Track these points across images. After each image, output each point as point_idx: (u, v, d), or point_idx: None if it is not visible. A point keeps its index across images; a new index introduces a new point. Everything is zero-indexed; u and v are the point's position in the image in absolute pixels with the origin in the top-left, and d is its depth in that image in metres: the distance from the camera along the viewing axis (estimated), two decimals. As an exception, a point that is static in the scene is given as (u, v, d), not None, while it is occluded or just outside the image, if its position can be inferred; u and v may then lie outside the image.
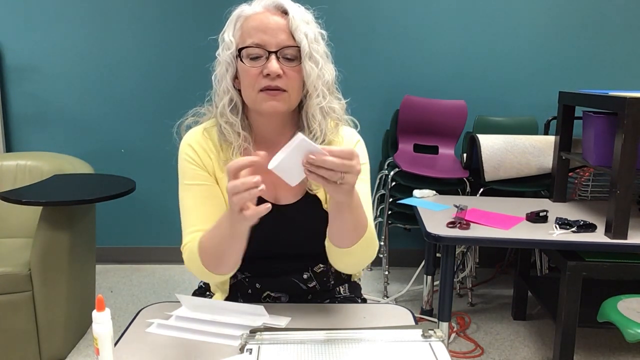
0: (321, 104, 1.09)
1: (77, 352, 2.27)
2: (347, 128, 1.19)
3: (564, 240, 1.93)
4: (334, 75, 1.12)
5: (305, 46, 1.04)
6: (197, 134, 1.16)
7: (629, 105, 1.85)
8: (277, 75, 1.03)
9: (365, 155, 1.19)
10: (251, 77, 1.05)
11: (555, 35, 3.07)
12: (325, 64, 1.09)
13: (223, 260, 1.04)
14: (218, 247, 1.01)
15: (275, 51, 1.04)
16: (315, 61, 1.06)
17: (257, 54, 1.04)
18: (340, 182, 0.85)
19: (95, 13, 3.05)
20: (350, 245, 1.01)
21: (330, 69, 1.11)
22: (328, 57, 1.11)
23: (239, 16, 1.08)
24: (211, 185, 1.14)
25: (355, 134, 1.20)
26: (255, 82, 1.05)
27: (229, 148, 1.13)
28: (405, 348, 0.94)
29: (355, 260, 1.09)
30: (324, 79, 1.08)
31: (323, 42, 1.10)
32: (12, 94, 3.12)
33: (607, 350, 2.37)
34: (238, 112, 1.12)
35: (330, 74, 1.10)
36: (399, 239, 3.25)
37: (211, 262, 1.04)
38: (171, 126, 1.21)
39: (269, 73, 1.03)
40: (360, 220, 1.00)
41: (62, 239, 2.11)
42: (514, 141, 2.70)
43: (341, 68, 1.17)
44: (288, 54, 1.05)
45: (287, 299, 1.24)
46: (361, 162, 1.11)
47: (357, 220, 0.99)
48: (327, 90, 1.09)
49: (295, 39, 1.04)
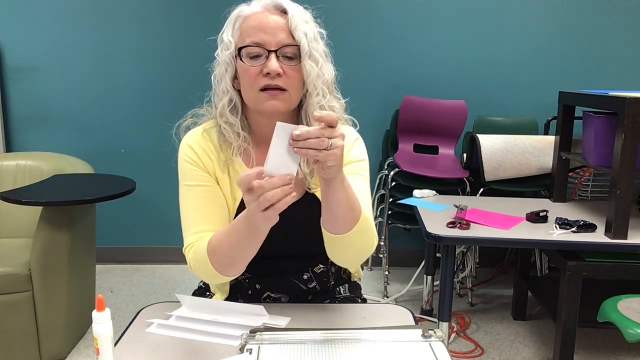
0: (321, 103, 1.08)
1: (77, 352, 2.28)
2: (346, 126, 1.19)
3: (564, 240, 1.93)
4: (333, 75, 1.12)
5: (304, 45, 1.04)
6: (196, 135, 1.16)
7: (629, 105, 1.85)
8: (277, 74, 1.03)
9: (364, 152, 1.19)
10: (251, 77, 1.05)
11: (555, 36, 3.07)
12: (324, 63, 1.09)
13: (236, 261, 1.03)
14: (234, 249, 1.00)
15: (275, 50, 1.04)
16: (315, 60, 1.06)
17: (256, 53, 1.04)
18: (330, 148, 0.85)
19: (95, 13, 3.06)
20: (345, 230, 0.99)
21: (330, 68, 1.11)
22: (327, 57, 1.11)
23: (238, 16, 1.08)
24: (212, 186, 1.13)
25: (353, 132, 1.20)
26: (255, 81, 1.04)
27: (228, 148, 1.13)
28: (405, 348, 0.94)
29: (353, 250, 1.05)
30: (323, 78, 1.08)
31: (322, 42, 1.10)
32: (12, 94, 3.12)
33: (607, 350, 2.37)
34: (237, 113, 1.11)
35: (330, 73, 1.10)
36: (399, 239, 3.25)
37: (223, 264, 1.03)
38: (171, 127, 1.20)
39: (269, 72, 1.02)
40: (352, 203, 0.98)
41: (62, 239, 2.11)
42: (514, 141, 2.70)
43: (341, 68, 1.17)
44: (288, 53, 1.05)
45: (287, 300, 1.24)
46: (360, 158, 1.14)
47: (349, 201, 0.97)
48: (326, 89, 1.09)
49: (294, 38, 1.04)
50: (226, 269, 1.04)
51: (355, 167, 1.15)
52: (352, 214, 0.99)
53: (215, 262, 1.03)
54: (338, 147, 0.86)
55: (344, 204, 0.96)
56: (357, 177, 1.13)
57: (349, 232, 0.99)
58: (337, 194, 0.94)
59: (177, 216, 1.17)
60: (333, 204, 0.95)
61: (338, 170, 0.90)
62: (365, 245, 1.06)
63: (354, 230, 1.00)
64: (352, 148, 1.17)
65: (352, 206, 0.98)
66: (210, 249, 1.03)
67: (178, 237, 1.14)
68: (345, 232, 0.99)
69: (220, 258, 1.02)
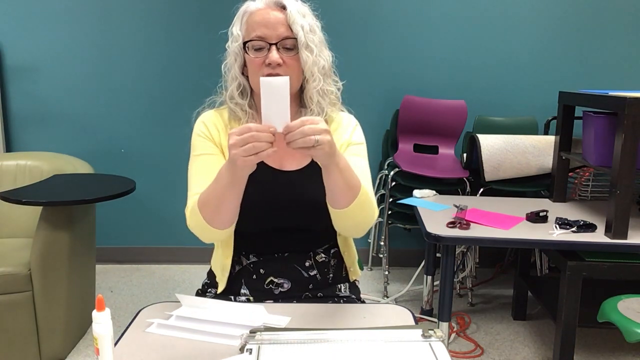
0: (317, 88, 1.22)
1: (77, 352, 2.28)
2: (346, 113, 1.34)
3: (564, 240, 1.93)
4: (331, 61, 1.25)
5: (301, 37, 1.17)
6: (209, 113, 1.32)
7: (629, 105, 1.85)
8: (277, 64, 1.17)
9: (363, 136, 1.32)
10: (255, 66, 1.19)
11: (555, 35, 3.07)
12: (320, 52, 1.22)
13: (221, 211, 1.12)
14: (218, 198, 1.10)
15: (275, 43, 1.17)
16: (310, 50, 1.19)
17: (260, 46, 1.18)
18: (317, 145, 0.97)
19: (95, 13, 3.06)
20: (345, 205, 1.11)
21: (327, 54, 1.24)
22: (323, 44, 1.24)
23: (245, 12, 1.22)
24: (216, 155, 1.26)
25: (352, 118, 1.34)
26: (259, 70, 1.18)
27: (237, 123, 1.26)
28: (405, 348, 0.95)
29: (354, 222, 1.17)
30: (319, 65, 1.21)
31: (319, 32, 1.23)
32: (12, 94, 3.12)
33: (607, 350, 2.37)
34: (247, 96, 1.27)
35: (326, 60, 1.24)
36: (399, 239, 3.25)
37: (210, 213, 1.13)
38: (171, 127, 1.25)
39: (270, 62, 1.17)
40: (351, 181, 1.10)
41: (62, 239, 2.11)
42: (514, 141, 2.70)
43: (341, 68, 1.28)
44: (287, 44, 1.18)
45: (290, 286, 1.28)
46: (359, 142, 1.31)
47: (347, 181, 1.09)
48: (322, 75, 1.23)
49: (292, 31, 1.18)
50: (213, 219, 1.13)
51: (357, 149, 1.29)
52: (351, 192, 1.11)
53: (205, 212, 1.13)
54: (325, 143, 0.98)
55: (342, 184, 1.09)
56: (358, 157, 1.26)
57: (348, 207, 1.12)
58: (333, 175, 1.07)
59: (177, 216, 1.20)
60: (330, 184, 1.09)
61: (330, 159, 1.03)
62: (365, 218, 1.18)
63: (353, 205, 1.12)
64: (354, 132, 1.31)
65: (350, 185, 1.10)
66: (200, 201, 1.14)
67: (178, 237, 1.16)
68: (346, 207, 1.12)
69: (207, 208, 1.13)
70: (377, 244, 3.19)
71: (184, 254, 3.23)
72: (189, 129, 1.31)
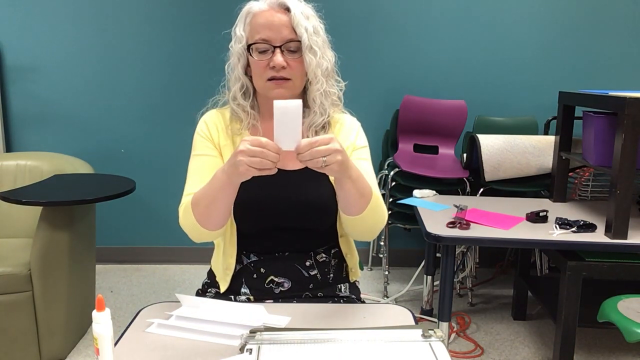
0: (320, 90, 1.23)
1: (77, 352, 2.28)
2: (348, 115, 1.35)
3: (564, 240, 1.93)
4: (333, 62, 1.26)
5: (305, 40, 1.17)
6: (212, 113, 1.32)
7: (629, 105, 1.85)
8: (281, 67, 1.17)
9: (365, 139, 1.33)
10: (260, 68, 1.20)
11: (555, 36, 3.07)
12: (324, 53, 1.22)
13: (212, 213, 1.14)
14: (210, 200, 1.13)
15: (280, 45, 1.17)
16: (314, 52, 1.19)
17: (264, 48, 1.19)
18: (325, 165, 0.99)
19: (95, 13, 3.05)
20: (358, 212, 1.15)
21: (330, 55, 1.24)
22: (327, 45, 1.24)
23: (248, 12, 1.22)
24: (215, 157, 1.27)
25: (355, 120, 1.35)
26: (263, 72, 1.19)
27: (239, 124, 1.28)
28: (405, 348, 0.95)
29: (367, 226, 1.21)
30: (322, 67, 1.21)
31: (323, 33, 1.23)
32: (12, 94, 3.12)
33: (607, 350, 2.37)
34: (249, 96, 1.27)
35: (329, 60, 1.24)
36: (399, 239, 3.25)
37: (201, 214, 1.15)
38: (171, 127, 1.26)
39: (275, 65, 1.17)
40: (363, 190, 1.13)
41: (62, 239, 2.11)
42: (514, 141, 2.70)
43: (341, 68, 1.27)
44: (291, 47, 1.19)
45: (290, 285, 1.28)
46: (363, 145, 1.32)
47: (359, 190, 1.11)
48: (325, 77, 1.23)
49: (297, 34, 1.17)
50: (204, 220, 1.16)
51: (362, 153, 1.30)
52: (363, 199, 1.14)
53: (197, 212, 1.16)
54: (333, 163, 1.00)
55: (354, 193, 1.11)
56: (363, 162, 1.28)
57: (361, 213, 1.15)
58: (346, 186, 1.09)
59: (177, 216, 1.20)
60: (343, 194, 1.12)
61: (341, 174, 1.05)
62: (377, 222, 1.22)
63: (366, 211, 1.15)
64: (358, 135, 1.32)
65: (362, 193, 1.13)
66: (193, 201, 1.17)
67: (178, 237, 1.17)
68: (359, 214, 1.15)
69: (199, 209, 1.15)
70: (377, 244, 3.19)
71: (184, 254, 3.23)
72: (189, 129, 1.32)
